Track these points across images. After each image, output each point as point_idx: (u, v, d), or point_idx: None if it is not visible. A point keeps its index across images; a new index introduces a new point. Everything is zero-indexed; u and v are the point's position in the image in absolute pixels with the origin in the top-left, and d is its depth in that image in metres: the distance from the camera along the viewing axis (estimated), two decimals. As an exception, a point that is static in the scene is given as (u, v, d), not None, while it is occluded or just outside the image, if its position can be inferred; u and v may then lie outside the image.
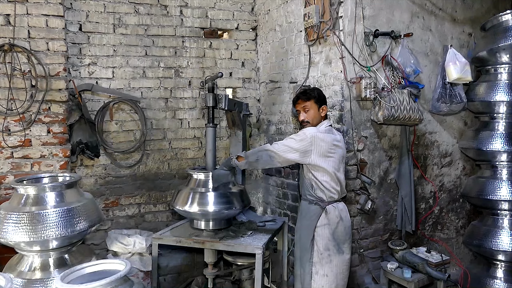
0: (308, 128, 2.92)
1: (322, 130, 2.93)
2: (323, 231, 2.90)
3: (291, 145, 2.86)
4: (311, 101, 3.01)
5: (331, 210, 2.91)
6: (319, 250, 2.90)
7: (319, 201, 2.92)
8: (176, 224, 3.66)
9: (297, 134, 2.91)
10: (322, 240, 2.89)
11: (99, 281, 2.02)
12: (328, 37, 3.52)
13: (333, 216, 2.91)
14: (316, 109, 3.01)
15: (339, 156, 2.93)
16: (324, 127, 2.96)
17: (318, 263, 2.90)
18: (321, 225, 2.90)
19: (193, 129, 4.56)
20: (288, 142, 2.89)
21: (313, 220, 2.91)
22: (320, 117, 3.03)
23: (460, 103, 3.76)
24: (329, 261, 2.89)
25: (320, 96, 3.03)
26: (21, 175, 3.46)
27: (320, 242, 2.90)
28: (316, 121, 3.01)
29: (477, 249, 3.80)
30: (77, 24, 4.00)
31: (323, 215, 2.90)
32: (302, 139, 2.84)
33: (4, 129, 3.49)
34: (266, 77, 4.67)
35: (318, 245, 2.90)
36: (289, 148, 2.86)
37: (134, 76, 4.26)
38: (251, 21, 4.79)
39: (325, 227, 2.90)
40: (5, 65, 3.47)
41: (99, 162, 4.14)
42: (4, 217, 2.62)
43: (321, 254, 2.89)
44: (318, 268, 2.89)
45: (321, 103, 3.02)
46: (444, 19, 3.91)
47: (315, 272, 2.90)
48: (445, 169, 4.06)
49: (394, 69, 3.54)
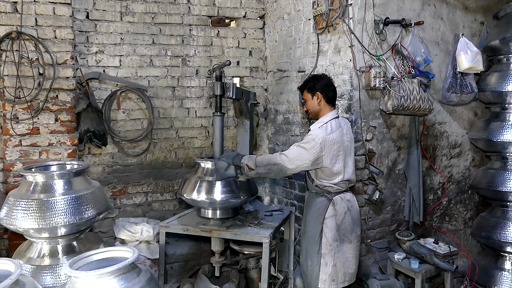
0: (317, 133, 2.80)
1: (330, 129, 2.81)
2: (331, 223, 2.86)
3: (303, 156, 2.76)
4: (305, 92, 2.99)
5: (338, 201, 2.88)
6: (328, 242, 2.86)
7: (325, 193, 2.89)
8: (183, 213, 3.66)
9: (307, 141, 2.78)
10: (331, 231, 2.86)
11: (107, 268, 2.03)
12: (337, 25, 3.47)
13: (341, 207, 2.88)
14: (310, 99, 2.95)
15: (347, 149, 2.89)
16: (331, 125, 2.84)
17: (327, 254, 2.86)
18: (329, 217, 2.86)
19: (200, 118, 4.55)
20: (298, 152, 2.78)
21: (321, 213, 2.87)
22: (318, 106, 2.92)
23: (471, 93, 3.71)
24: (337, 251, 2.87)
25: (313, 84, 2.92)
26: (29, 162, 3.47)
27: (328, 233, 2.86)
28: (316, 110, 2.94)
29: (485, 240, 3.78)
30: (84, 12, 3.98)
31: (331, 207, 2.87)
32: (312, 146, 2.74)
33: (13, 117, 3.50)
34: (274, 66, 4.63)
35: (327, 237, 2.86)
36: (301, 159, 2.77)
37: (141, 64, 4.24)
38: (259, 9, 4.74)
39: (332, 218, 2.86)
40: (13, 53, 3.47)
41: (107, 150, 4.14)
42: (13, 204, 2.65)
43: (330, 245, 2.86)
44: (328, 260, 2.86)
45: (313, 91, 2.91)
46: (456, 7, 3.84)
47: (324, 264, 2.87)
48: (454, 160, 4.02)
49: (404, 58, 3.49)
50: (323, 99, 2.90)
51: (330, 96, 2.93)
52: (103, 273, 2.01)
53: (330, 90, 2.93)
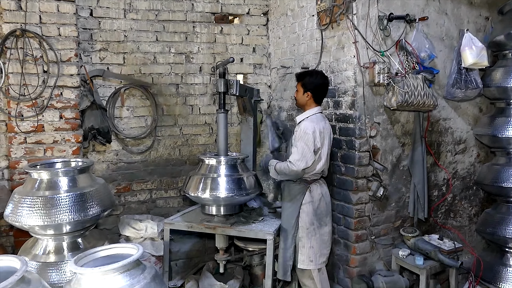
0: (307, 125, 3.06)
1: (316, 120, 3.09)
2: (308, 208, 3.13)
3: (307, 153, 3.02)
4: (299, 84, 3.24)
5: (314, 188, 3.17)
6: (305, 225, 3.13)
7: (303, 181, 3.15)
8: (187, 210, 3.68)
9: (302, 137, 3.04)
10: (307, 216, 3.13)
11: (112, 265, 2.04)
12: (341, 21, 3.46)
13: (316, 193, 3.16)
14: (301, 92, 3.20)
15: (330, 140, 3.19)
16: (317, 117, 3.13)
17: (304, 237, 3.13)
18: (306, 203, 3.13)
19: (204, 115, 4.55)
20: (303, 152, 3.02)
21: (299, 199, 3.14)
22: (305, 101, 3.20)
23: (476, 88, 3.69)
24: (314, 234, 3.14)
25: (309, 82, 3.17)
26: (34, 160, 3.49)
27: (305, 218, 3.13)
28: (303, 103, 3.22)
29: (490, 237, 3.76)
30: (88, 9, 3.98)
31: (307, 193, 3.14)
32: (308, 139, 3.02)
33: (17, 115, 3.51)
34: (277, 62, 4.62)
35: (304, 221, 3.13)
36: (307, 156, 3.02)
37: (145, 61, 4.25)
38: (262, 6, 4.72)
39: (309, 204, 3.14)
40: (17, 51, 3.48)
41: (111, 148, 4.16)
42: (18, 201, 2.66)
43: (307, 229, 3.13)
44: (305, 242, 3.14)
45: (305, 88, 3.17)
46: (461, 2, 3.81)
47: (301, 246, 3.14)
48: (459, 156, 4.00)
49: (408, 54, 3.47)
50: (312, 98, 3.19)
51: (319, 97, 3.22)
52: (108, 269, 2.02)
53: (320, 92, 3.21)
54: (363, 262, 3.53)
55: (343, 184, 3.55)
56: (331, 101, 3.67)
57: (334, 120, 3.65)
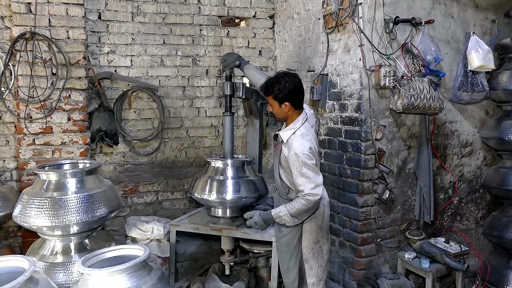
0: (300, 145, 2.58)
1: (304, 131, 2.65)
2: (311, 226, 2.76)
3: (316, 175, 2.58)
4: (269, 97, 2.71)
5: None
6: (309, 245, 2.77)
7: None
8: (193, 212, 3.70)
9: (303, 161, 2.53)
10: (311, 235, 2.76)
11: (119, 266, 2.06)
12: (347, 24, 3.47)
13: (319, 209, 2.76)
14: (277, 106, 2.69)
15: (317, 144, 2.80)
16: (305, 126, 2.69)
17: (311, 259, 2.79)
18: (308, 221, 2.74)
19: (210, 117, 4.58)
20: (313, 177, 2.56)
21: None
22: (286, 113, 2.70)
23: (482, 91, 3.68)
24: (320, 251, 2.81)
25: (280, 92, 2.63)
26: (42, 161, 3.53)
27: (309, 237, 2.76)
28: (284, 117, 2.73)
29: (497, 240, 3.74)
30: (96, 13, 4.03)
31: None
32: (309, 160, 2.55)
33: (26, 116, 3.56)
34: (284, 65, 4.63)
35: (308, 241, 2.77)
36: (317, 178, 2.58)
37: (152, 64, 4.28)
38: (269, 9, 4.75)
39: (312, 221, 2.75)
40: (27, 53, 3.52)
41: (118, 149, 4.19)
42: (27, 202, 2.69)
43: (312, 249, 2.78)
44: (312, 263, 2.80)
45: (280, 100, 2.65)
46: (467, 5, 3.81)
47: (309, 268, 2.80)
48: (465, 159, 3.99)
49: (414, 57, 3.47)
50: (291, 107, 2.68)
51: (298, 101, 2.71)
52: (115, 270, 2.04)
53: (298, 95, 2.69)
54: (368, 264, 3.53)
55: (348, 187, 3.55)
56: (337, 103, 3.68)
57: (340, 122, 3.66)
